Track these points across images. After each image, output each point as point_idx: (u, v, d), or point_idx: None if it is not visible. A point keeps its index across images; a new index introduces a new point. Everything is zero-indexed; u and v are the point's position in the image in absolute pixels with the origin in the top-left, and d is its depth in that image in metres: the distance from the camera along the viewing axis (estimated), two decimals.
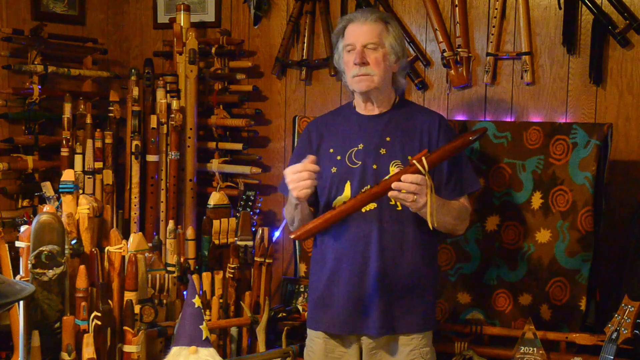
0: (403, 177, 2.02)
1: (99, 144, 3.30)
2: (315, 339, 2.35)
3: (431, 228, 2.10)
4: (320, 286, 2.32)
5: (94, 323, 2.36)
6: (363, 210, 2.21)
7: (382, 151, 2.25)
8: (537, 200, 2.75)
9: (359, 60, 2.21)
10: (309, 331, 2.39)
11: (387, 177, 2.13)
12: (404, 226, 2.23)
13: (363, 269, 2.23)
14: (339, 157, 2.28)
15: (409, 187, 2.02)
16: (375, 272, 2.22)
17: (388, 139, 2.26)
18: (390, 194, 2.05)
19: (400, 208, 2.21)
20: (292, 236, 2.17)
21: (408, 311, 2.25)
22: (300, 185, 2.10)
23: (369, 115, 2.32)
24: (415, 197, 2.03)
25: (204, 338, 1.79)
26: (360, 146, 2.26)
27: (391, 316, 2.24)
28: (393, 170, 2.21)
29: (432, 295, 2.35)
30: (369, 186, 2.17)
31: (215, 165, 3.52)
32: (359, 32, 2.23)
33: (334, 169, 2.28)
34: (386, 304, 2.23)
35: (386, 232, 2.22)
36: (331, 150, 2.31)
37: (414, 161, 2.05)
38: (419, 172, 2.04)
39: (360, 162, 2.25)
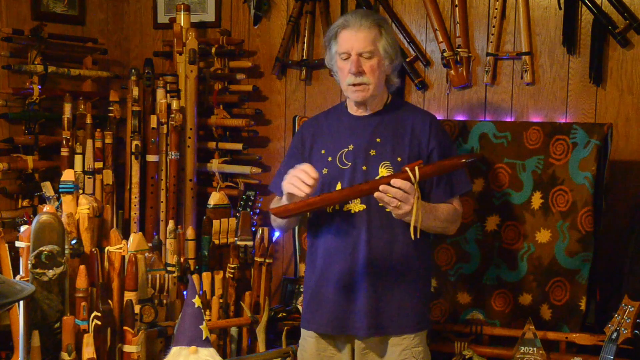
0: (392, 181, 2.03)
1: (99, 144, 3.30)
2: (307, 338, 2.36)
3: (413, 238, 2.10)
4: (311, 287, 2.34)
5: (94, 323, 2.35)
6: (352, 211, 2.23)
7: (372, 152, 2.25)
8: (537, 200, 2.74)
9: (355, 70, 2.20)
10: (302, 330, 2.40)
11: (377, 178, 2.14)
12: (393, 228, 2.23)
13: (351, 270, 2.24)
14: (330, 158, 2.28)
15: (395, 192, 2.03)
16: (363, 273, 2.22)
17: (378, 140, 2.26)
18: (376, 194, 2.05)
19: (389, 210, 2.21)
20: (272, 212, 2.16)
21: (398, 312, 2.25)
22: (300, 185, 2.08)
23: (360, 116, 2.32)
24: (399, 203, 2.04)
25: (204, 338, 1.79)
26: (351, 147, 2.27)
27: (380, 317, 2.24)
28: (382, 171, 2.22)
29: (425, 295, 2.35)
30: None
31: (215, 165, 3.52)
32: (354, 39, 2.20)
33: (325, 170, 2.28)
34: (375, 305, 2.23)
35: (375, 234, 2.22)
36: (323, 152, 2.31)
37: (407, 169, 2.05)
38: (409, 179, 2.04)
39: (350, 163, 2.25)
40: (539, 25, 2.96)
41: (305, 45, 3.40)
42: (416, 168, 2.05)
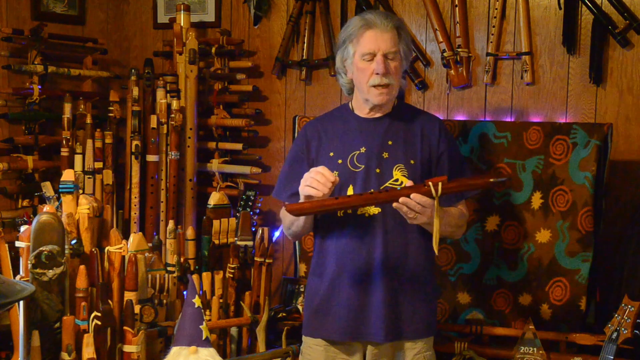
0: (412, 196, 2.02)
1: (99, 144, 3.30)
2: (314, 347, 2.30)
3: (437, 253, 2.11)
4: (320, 292, 2.28)
5: (94, 323, 2.35)
6: (367, 215, 2.20)
7: (385, 155, 2.22)
8: (537, 200, 2.75)
9: (383, 71, 2.16)
10: (305, 339, 2.34)
11: (393, 184, 2.14)
12: (408, 231, 2.21)
13: (367, 275, 2.21)
14: (340, 161, 2.24)
15: (414, 206, 2.02)
16: (379, 278, 2.20)
17: (390, 142, 2.24)
18: (394, 205, 2.04)
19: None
20: (287, 209, 2.12)
21: (413, 316, 2.23)
22: (317, 186, 2.05)
23: (369, 118, 2.28)
24: (417, 215, 2.05)
25: (204, 338, 1.79)
26: (363, 149, 2.23)
27: (397, 321, 2.21)
28: (396, 174, 2.20)
29: (434, 298, 2.35)
30: (372, 190, 2.15)
31: (215, 165, 3.52)
32: (380, 40, 2.17)
33: (335, 173, 2.20)
34: (391, 310, 2.20)
35: (390, 237, 2.20)
36: (331, 154, 2.27)
37: (430, 184, 2.03)
38: (429, 193, 2.03)
39: (363, 166, 2.22)
40: (539, 25, 2.96)
41: (305, 45, 3.40)
42: (439, 184, 2.02)
